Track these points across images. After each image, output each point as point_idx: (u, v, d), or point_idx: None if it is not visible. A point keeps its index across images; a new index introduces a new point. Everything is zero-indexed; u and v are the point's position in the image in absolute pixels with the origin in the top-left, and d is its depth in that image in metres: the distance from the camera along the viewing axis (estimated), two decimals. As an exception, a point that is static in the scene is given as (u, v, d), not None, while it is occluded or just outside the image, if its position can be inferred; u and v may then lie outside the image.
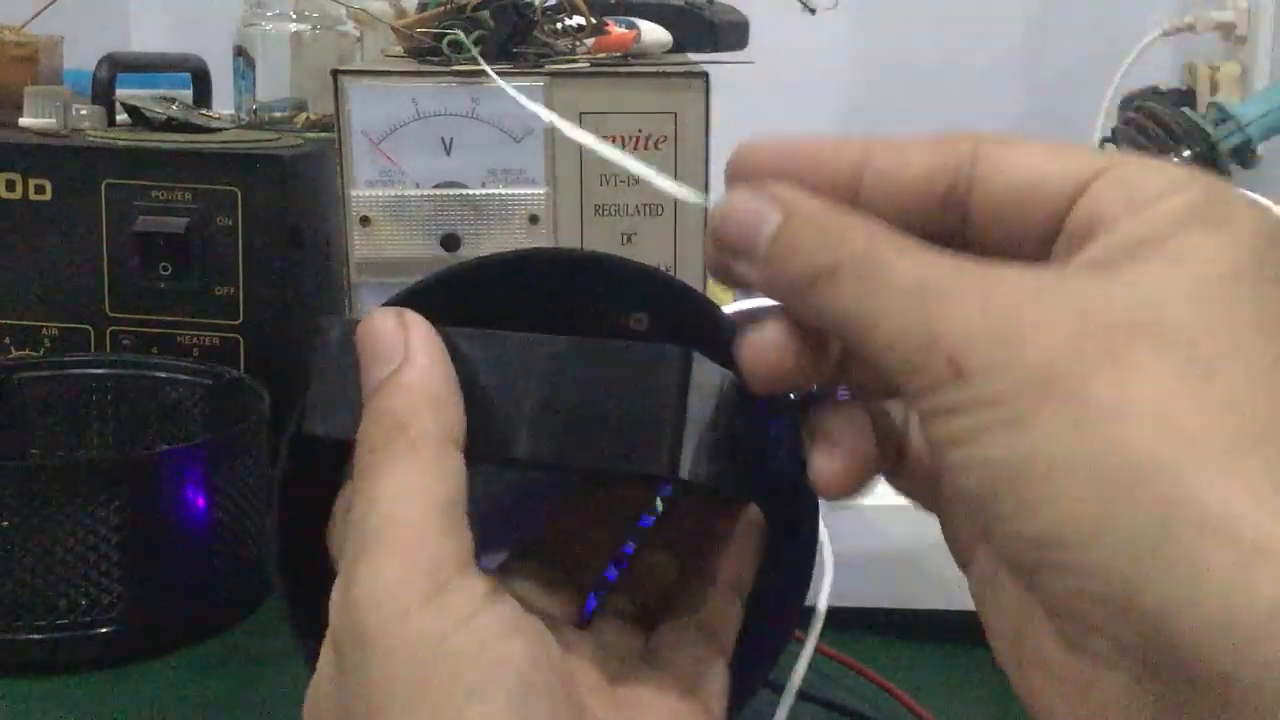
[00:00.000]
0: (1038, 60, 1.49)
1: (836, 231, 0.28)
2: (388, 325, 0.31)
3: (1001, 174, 0.28)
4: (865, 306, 0.27)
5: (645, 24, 0.63)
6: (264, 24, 0.94)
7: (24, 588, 0.54)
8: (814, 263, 0.28)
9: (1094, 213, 0.27)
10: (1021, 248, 0.28)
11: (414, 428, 0.30)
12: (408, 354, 0.31)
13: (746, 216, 0.29)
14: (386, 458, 0.30)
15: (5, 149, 0.71)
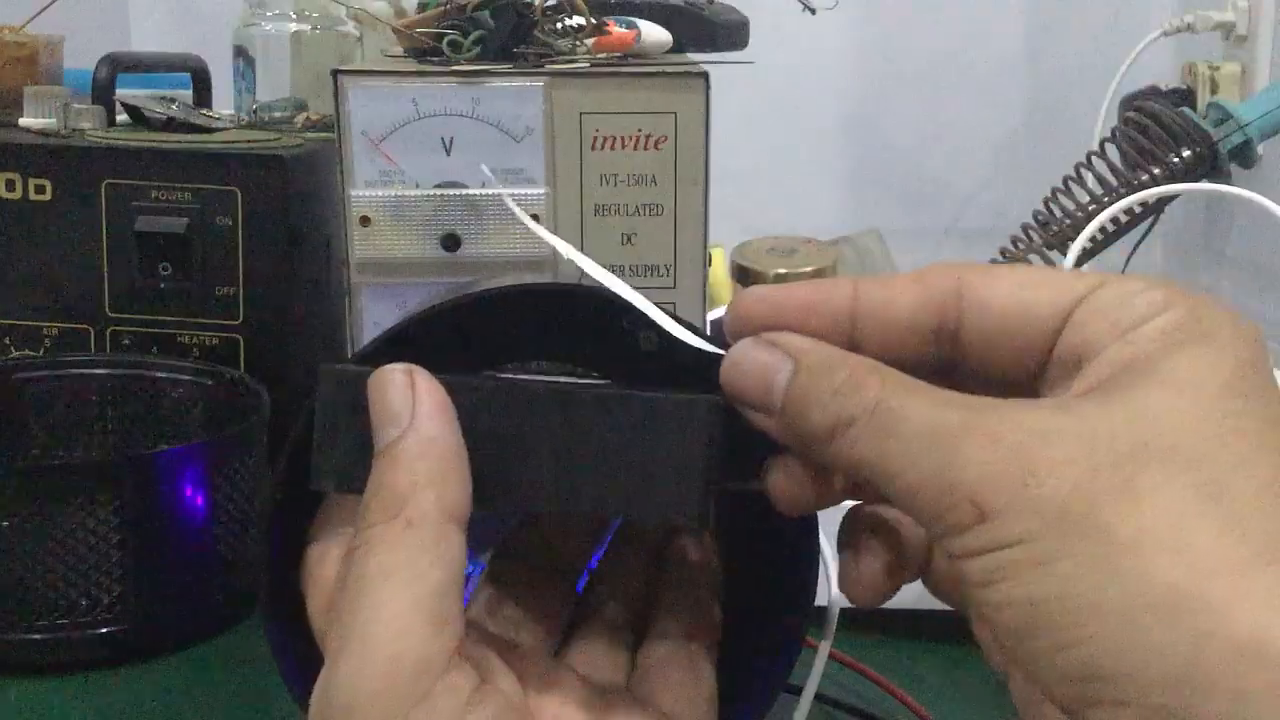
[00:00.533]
0: (1038, 60, 1.49)
1: (849, 380, 0.29)
2: (396, 384, 0.31)
3: (986, 309, 0.30)
4: (885, 455, 0.28)
5: (645, 24, 0.63)
6: (264, 24, 0.94)
7: (24, 588, 0.54)
8: (830, 415, 0.29)
9: (1081, 341, 0.28)
10: (1015, 374, 0.30)
11: (412, 505, 0.29)
12: (414, 419, 0.30)
13: (758, 369, 0.30)
14: (381, 536, 0.29)
15: (5, 149, 0.71)
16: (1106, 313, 0.28)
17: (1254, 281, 1.27)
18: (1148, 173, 1.01)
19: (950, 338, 0.30)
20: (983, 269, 0.30)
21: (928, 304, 0.30)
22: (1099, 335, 0.28)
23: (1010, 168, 1.46)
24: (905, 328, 0.30)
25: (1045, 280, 0.29)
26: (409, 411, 0.30)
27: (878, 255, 1.16)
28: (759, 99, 1.32)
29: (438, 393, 0.31)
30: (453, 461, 0.30)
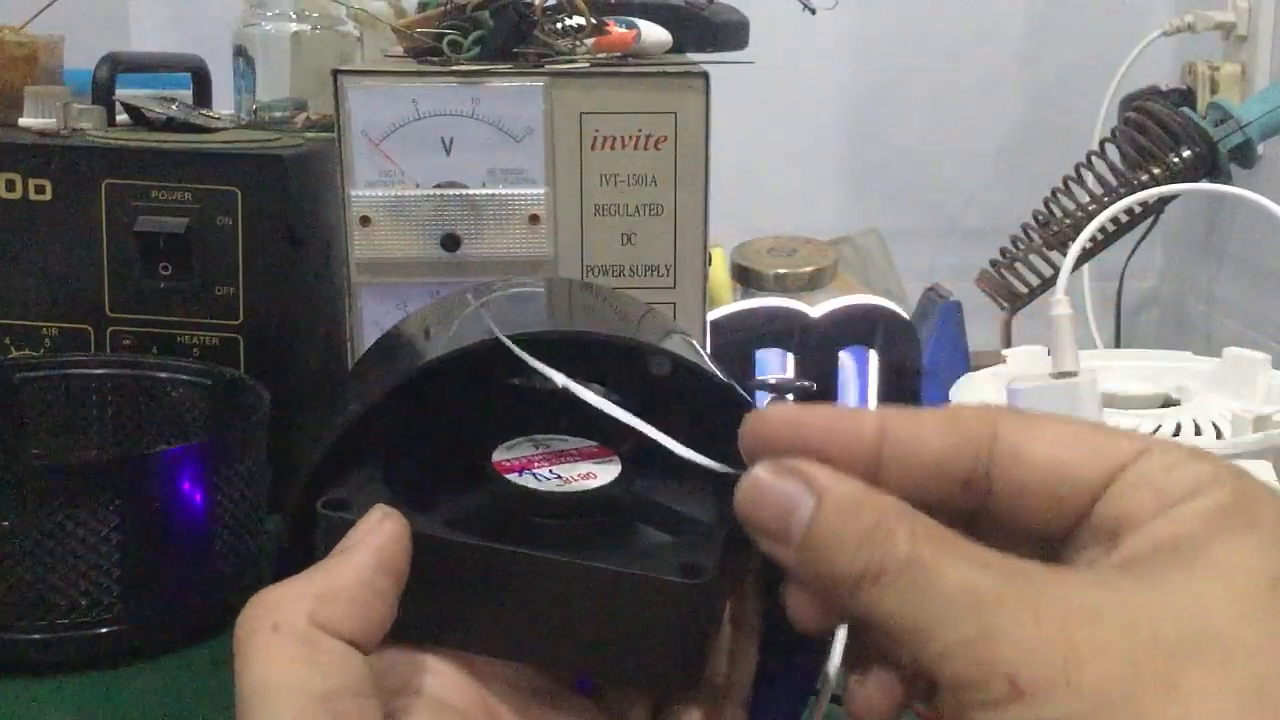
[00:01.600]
0: (1038, 60, 1.49)
1: (877, 527, 0.27)
2: (367, 522, 0.30)
3: (1022, 463, 0.28)
4: (915, 615, 0.27)
5: (645, 24, 0.63)
6: (264, 24, 0.94)
7: (24, 588, 0.54)
8: (857, 564, 0.27)
9: (1122, 511, 0.27)
10: (1043, 531, 0.29)
11: (281, 610, 0.28)
12: (351, 547, 0.30)
13: (777, 500, 0.29)
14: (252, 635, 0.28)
15: (5, 149, 0.71)
16: (1149, 483, 0.27)
17: (1254, 281, 1.27)
18: (1148, 173, 1.01)
19: (980, 486, 0.29)
20: (1020, 418, 0.29)
21: (960, 449, 0.29)
22: (1140, 507, 0.27)
23: (1010, 168, 1.46)
24: (933, 470, 0.29)
25: (1086, 439, 0.28)
26: (352, 542, 0.30)
27: (878, 255, 1.16)
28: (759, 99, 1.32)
29: (387, 536, 0.30)
30: (353, 590, 0.29)
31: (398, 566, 0.30)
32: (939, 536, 0.27)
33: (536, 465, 0.34)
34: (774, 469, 0.29)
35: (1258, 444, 0.60)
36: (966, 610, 0.26)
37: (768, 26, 0.76)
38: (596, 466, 0.34)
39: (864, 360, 0.78)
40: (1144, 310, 1.49)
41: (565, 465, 0.34)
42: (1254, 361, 0.67)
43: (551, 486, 0.33)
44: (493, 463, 0.34)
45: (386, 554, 0.30)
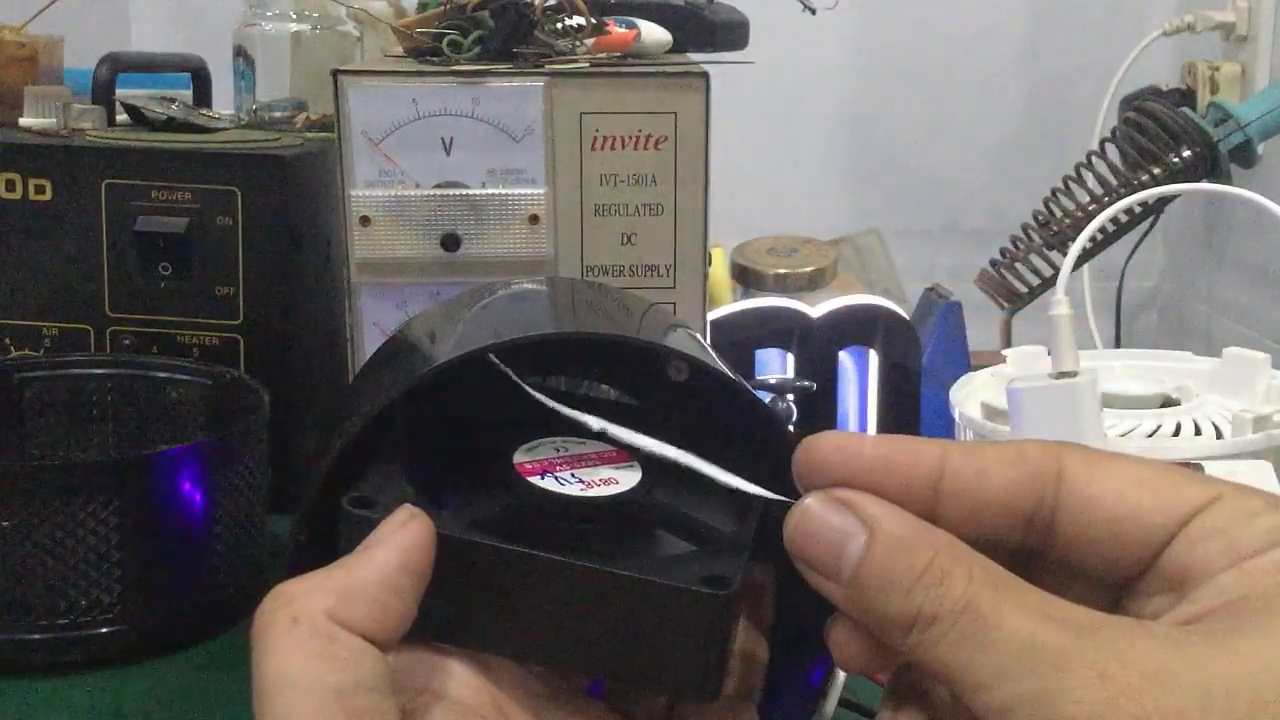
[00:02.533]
0: (1038, 60, 1.49)
1: (932, 567, 0.26)
2: (392, 521, 0.30)
3: (1089, 505, 0.27)
4: (972, 665, 0.26)
5: (645, 24, 0.63)
6: (264, 24, 0.94)
7: (24, 588, 0.54)
8: (910, 606, 0.26)
9: (1192, 561, 0.26)
10: (1106, 575, 0.28)
11: (299, 603, 0.28)
12: (374, 545, 0.29)
13: (828, 533, 0.28)
14: (270, 627, 0.28)
15: (5, 149, 0.71)
16: (1221, 533, 0.26)
17: (1254, 281, 1.27)
18: (1148, 173, 1.01)
19: (1043, 526, 0.28)
20: (1088, 456, 0.28)
21: (1025, 487, 0.28)
22: (1212, 558, 0.26)
23: (1010, 167, 1.46)
24: (996, 509, 0.28)
25: (1157, 482, 0.28)
26: (376, 540, 0.30)
27: (878, 255, 1.16)
28: (759, 99, 1.33)
29: (412, 537, 0.30)
30: (372, 589, 0.29)
31: (420, 567, 0.30)
32: (998, 580, 0.26)
33: (558, 468, 0.34)
34: (825, 500, 0.28)
35: (1258, 444, 0.60)
36: (1028, 665, 0.25)
37: (768, 26, 0.76)
38: (617, 472, 0.34)
39: (864, 360, 0.78)
40: (1144, 310, 1.49)
41: (586, 469, 0.34)
42: (1254, 361, 0.67)
43: (574, 491, 0.33)
44: (514, 464, 0.34)
45: (410, 554, 0.29)
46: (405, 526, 0.30)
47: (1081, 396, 0.58)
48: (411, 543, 0.30)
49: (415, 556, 0.29)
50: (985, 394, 0.70)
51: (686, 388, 0.36)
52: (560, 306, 0.44)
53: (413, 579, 0.29)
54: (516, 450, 0.34)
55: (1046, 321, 0.61)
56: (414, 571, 0.29)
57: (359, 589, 0.29)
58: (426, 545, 0.30)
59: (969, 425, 0.68)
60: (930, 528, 0.27)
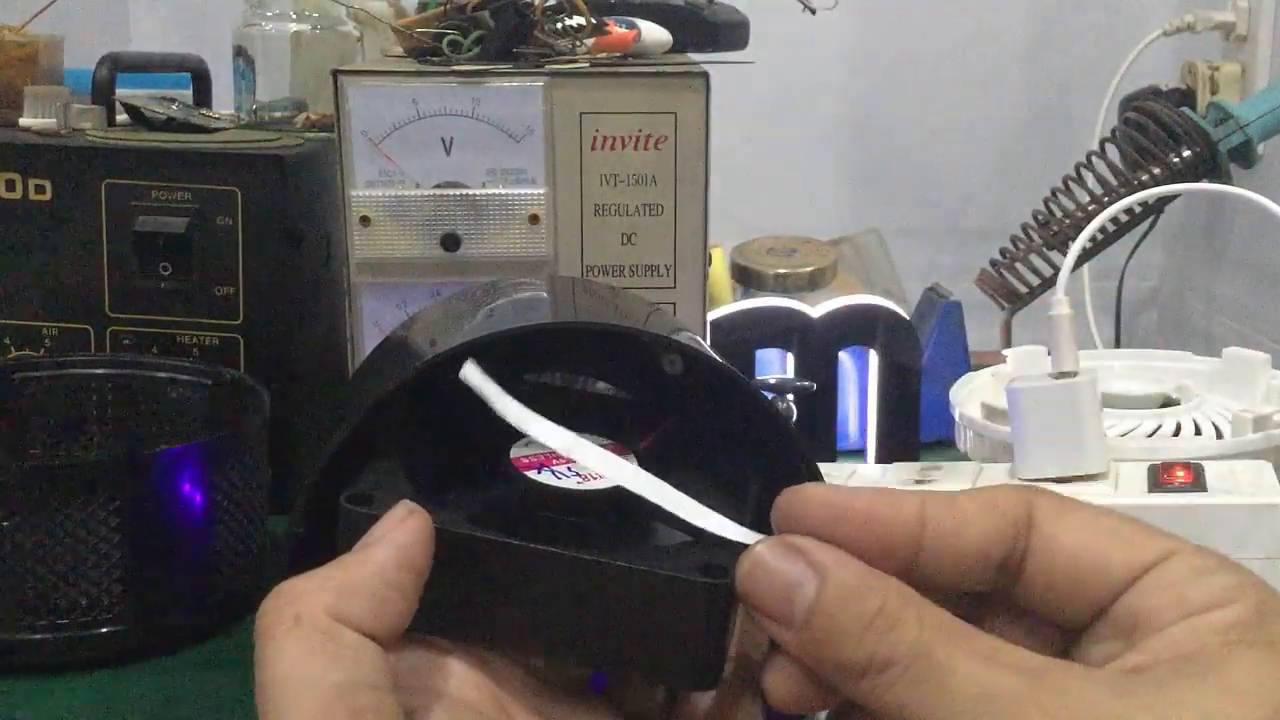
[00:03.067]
0: (1038, 60, 1.49)
1: (883, 613, 0.27)
2: (391, 516, 0.30)
3: (1056, 550, 0.29)
4: (926, 709, 0.26)
5: (645, 24, 0.63)
6: (264, 24, 0.94)
7: (24, 588, 0.54)
8: (863, 652, 0.27)
9: (1144, 610, 0.28)
10: (1062, 617, 0.29)
11: (302, 602, 0.28)
12: (374, 542, 0.30)
13: (779, 580, 0.28)
14: (273, 626, 0.28)
15: (5, 149, 0.71)
16: (1174, 587, 0.28)
17: (1254, 281, 1.27)
18: (1148, 172, 1.01)
19: (1013, 570, 0.29)
20: (1057, 503, 0.29)
21: (1000, 534, 0.29)
22: (1163, 609, 0.27)
23: (1010, 167, 1.46)
24: (973, 557, 0.29)
25: (1120, 532, 0.29)
26: (374, 537, 0.30)
27: (877, 255, 1.16)
28: (759, 99, 1.33)
29: (410, 533, 0.30)
30: (372, 585, 0.29)
31: (419, 563, 0.30)
32: (948, 626, 0.27)
33: (554, 462, 0.34)
34: (776, 547, 0.29)
35: (1258, 444, 0.60)
36: (982, 710, 0.26)
37: (768, 26, 0.76)
38: None
39: (864, 360, 0.78)
40: (1144, 310, 1.49)
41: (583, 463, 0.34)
42: (1254, 361, 0.67)
43: (570, 484, 0.33)
44: (511, 458, 0.34)
45: (409, 550, 0.30)
46: (403, 523, 0.30)
47: (1081, 396, 0.58)
48: (410, 539, 0.30)
49: (414, 552, 0.30)
50: (985, 394, 0.70)
51: (684, 383, 0.36)
52: (559, 303, 0.44)
53: (412, 575, 0.29)
54: (514, 445, 0.34)
55: (1046, 321, 0.61)
56: (413, 568, 0.29)
57: (359, 586, 0.29)
58: (425, 541, 0.30)
59: (969, 425, 0.68)
60: (879, 574, 0.28)
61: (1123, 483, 0.55)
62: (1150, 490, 0.54)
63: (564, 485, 0.33)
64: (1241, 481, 0.54)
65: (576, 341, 0.37)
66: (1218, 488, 0.54)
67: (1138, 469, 0.56)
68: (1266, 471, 0.56)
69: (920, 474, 0.60)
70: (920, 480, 0.59)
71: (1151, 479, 0.55)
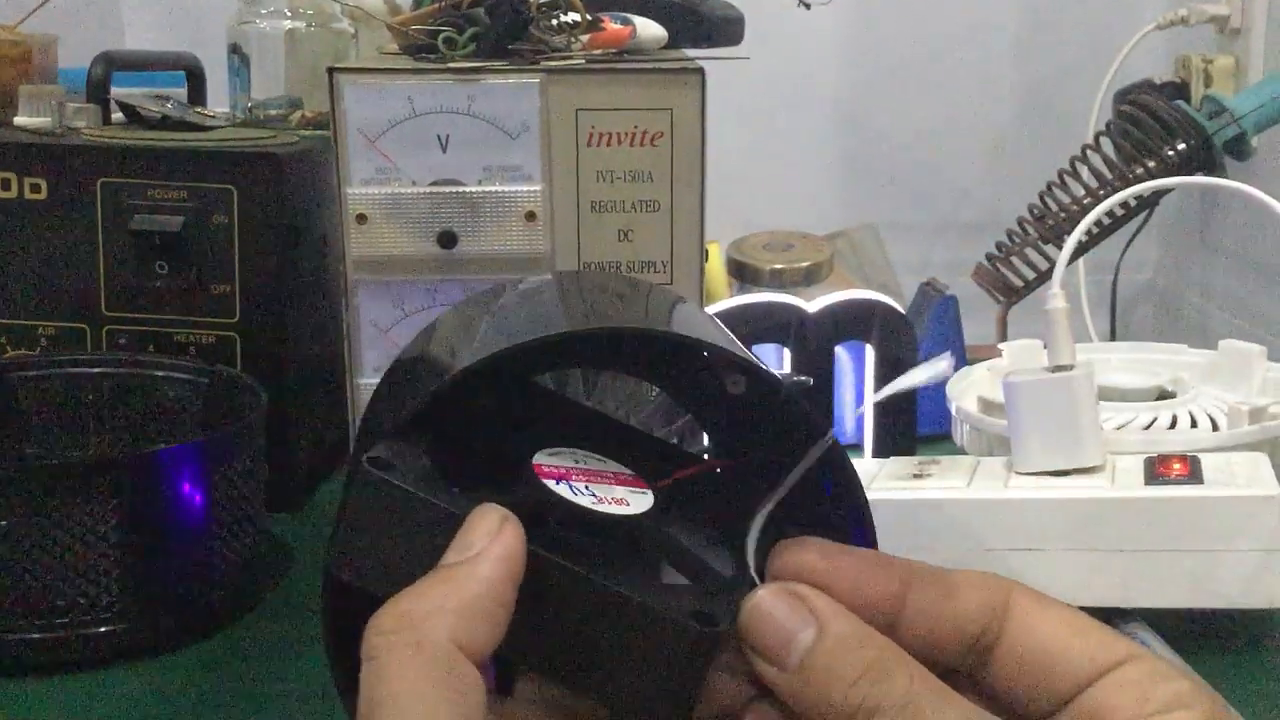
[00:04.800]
0: (1032, 54, 1.49)
1: (876, 664, 0.29)
2: (487, 522, 0.30)
3: (1027, 637, 0.30)
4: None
5: (641, 20, 0.63)
6: (259, 21, 0.94)
7: (22, 587, 0.54)
8: (853, 697, 0.28)
9: (1105, 705, 0.29)
10: (1027, 707, 0.30)
11: (424, 628, 0.28)
12: (480, 554, 0.30)
13: (779, 624, 0.30)
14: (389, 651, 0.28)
15: (0, 148, 0.71)
16: (1135, 687, 0.29)
17: (1249, 274, 1.27)
18: (1142, 166, 1.01)
19: (984, 651, 0.31)
20: (1034, 596, 0.31)
21: (979, 613, 0.31)
22: (1123, 706, 0.29)
23: (1005, 162, 1.46)
24: (950, 631, 0.31)
25: (1089, 630, 0.31)
26: (480, 548, 0.30)
27: (873, 250, 1.16)
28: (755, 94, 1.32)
29: (515, 544, 0.30)
30: (488, 606, 0.29)
31: (519, 576, 0.30)
32: (937, 687, 0.29)
33: (574, 478, 0.34)
34: (780, 593, 0.30)
35: (1253, 436, 0.60)
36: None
37: (763, 22, 0.76)
38: (631, 495, 0.34)
39: (860, 355, 0.78)
40: (1139, 303, 1.50)
41: (601, 485, 0.34)
42: (1249, 354, 0.68)
43: (585, 502, 0.33)
44: (533, 465, 0.34)
45: (514, 564, 0.30)
46: (503, 534, 0.30)
47: (1078, 390, 0.58)
48: (512, 551, 0.30)
49: (517, 566, 0.30)
50: (982, 388, 0.70)
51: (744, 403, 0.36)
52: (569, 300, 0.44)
53: (515, 589, 0.30)
54: (539, 453, 0.34)
55: (1042, 315, 0.61)
56: (516, 582, 0.30)
57: (476, 606, 0.29)
58: (522, 552, 0.30)
59: (965, 419, 0.68)
60: (874, 631, 0.30)
61: (1119, 475, 0.56)
62: (1146, 483, 0.54)
63: (578, 501, 0.33)
64: (1237, 473, 0.55)
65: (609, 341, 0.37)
66: (1214, 480, 0.54)
67: (1134, 461, 0.57)
68: (1262, 463, 0.56)
69: (918, 468, 0.60)
70: (918, 474, 0.59)
71: (1148, 471, 0.55)
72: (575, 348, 0.37)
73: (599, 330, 0.36)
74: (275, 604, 0.62)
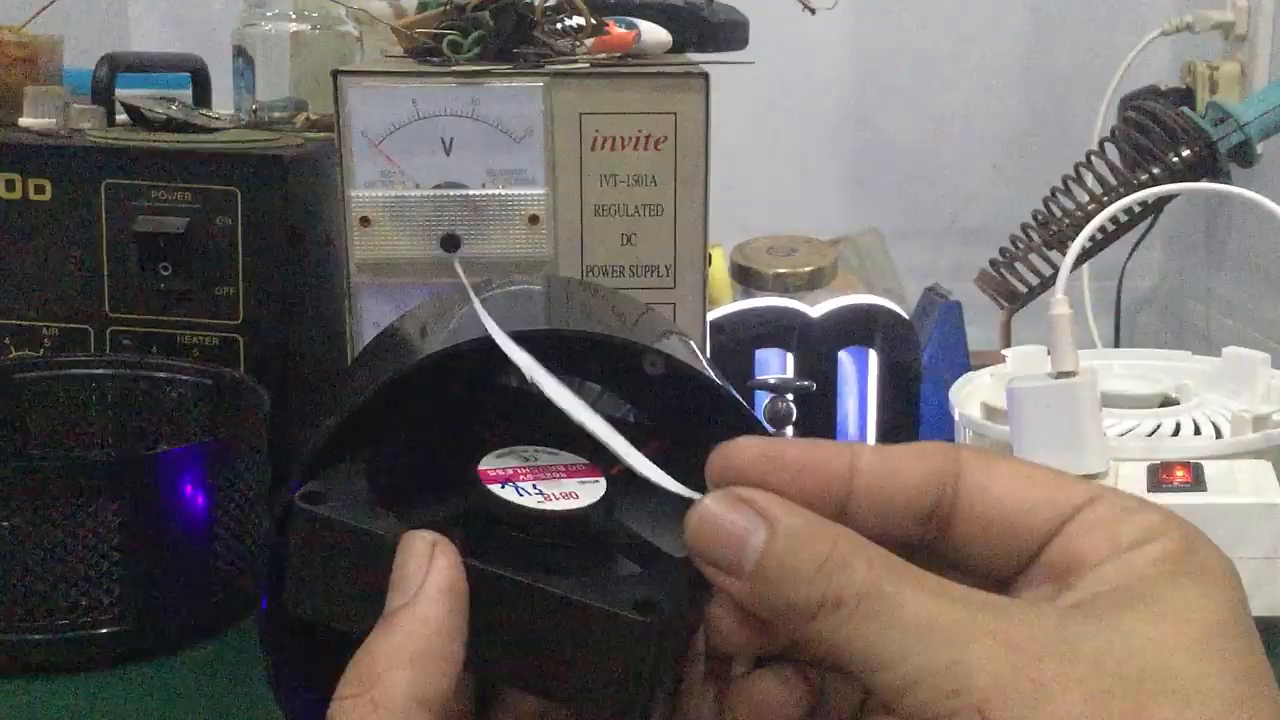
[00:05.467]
0: (1037, 60, 1.49)
1: (832, 556, 0.28)
2: (416, 554, 0.29)
3: (983, 498, 0.29)
4: (876, 646, 0.27)
5: (645, 24, 0.63)
6: (263, 24, 0.94)
7: (24, 588, 0.54)
8: (814, 593, 0.27)
9: (1075, 552, 0.28)
10: (995, 567, 0.30)
11: (381, 686, 0.28)
12: (419, 594, 0.29)
13: (728, 531, 0.28)
14: (349, 711, 0.28)
15: (5, 149, 0.71)
16: (1103, 527, 0.28)
17: (1253, 281, 1.27)
18: (1147, 172, 1.01)
19: (942, 521, 0.30)
20: (984, 456, 0.30)
21: (928, 483, 0.29)
22: (1094, 550, 0.28)
23: (1010, 167, 1.46)
24: (902, 505, 0.29)
25: (1045, 481, 0.30)
26: (417, 585, 0.29)
27: (877, 255, 1.16)
28: (759, 99, 1.33)
29: (449, 571, 0.29)
30: (439, 644, 0.29)
31: (465, 600, 0.29)
32: (897, 566, 0.28)
33: (521, 478, 0.33)
34: (724, 500, 0.29)
35: (1257, 444, 0.60)
36: (933, 640, 0.26)
37: (767, 26, 0.76)
38: (581, 486, 0.34)
39: (864, 360, 0.78)
40: (1143, 310, 1.49)
41: (550, 482, 0.34)
42: (1253, 361, 0.68)
43: (531, 502, 0.33)
44: (478, 470, 0.33)
45: (456, 596, 0.29)
46: (436, 563, 0.29)
47: (1081, 396, 0.58)
48: (450, 582, 0.29)
49: (458, 597, 0.29)
50: (985, 394, 0.70)
51: (675, 395, 0.36)
52: (554, 307, 0.44)
53: (463, 617, 0.29)
54: (485, 457, 0.34)
55: (1046, 321, 0.61)
56: (463, 610, 0.29)
57: (429, 653, 0.28)
58: (460, 578, 0.29)
59: (969, 425, 0.68)
60: (827, 522, 0.29)
61: (1122, 482, 0.56)
62: (1150, 490, 0.54)
63: (524, 503, 0.32)
64: (1241, 481, 0.54)
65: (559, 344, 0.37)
66: (1217, 487, 0.54)
67: (1137, 469, 0.56)
68: (1266, 471, 0.56)
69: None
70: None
71: (1151, 478, 0.55)
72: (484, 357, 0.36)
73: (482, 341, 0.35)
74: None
